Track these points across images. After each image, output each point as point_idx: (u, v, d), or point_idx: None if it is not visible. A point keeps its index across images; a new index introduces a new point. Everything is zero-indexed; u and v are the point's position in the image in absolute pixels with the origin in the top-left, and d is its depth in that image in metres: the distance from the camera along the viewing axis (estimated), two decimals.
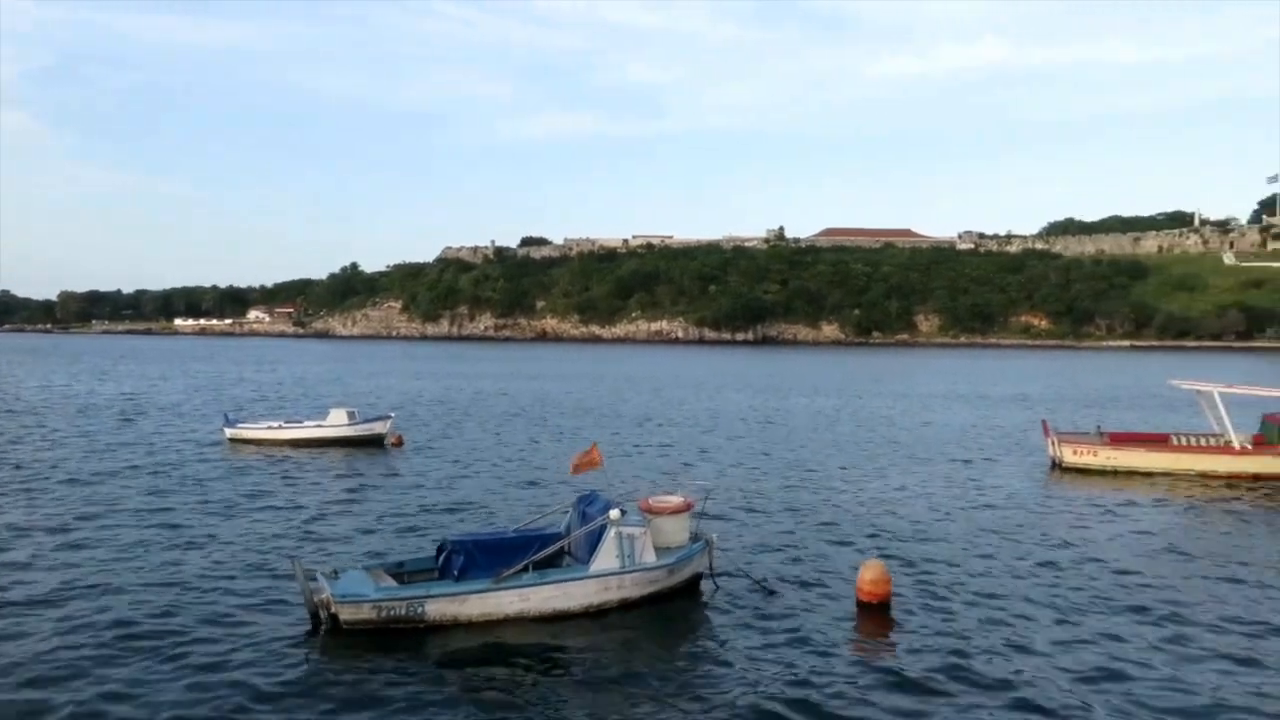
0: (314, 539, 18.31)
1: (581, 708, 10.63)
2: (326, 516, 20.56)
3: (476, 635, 12.79)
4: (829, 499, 23.14)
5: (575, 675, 11.60)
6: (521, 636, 12.82)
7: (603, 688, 11.20)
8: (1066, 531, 19.94)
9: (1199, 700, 11.00)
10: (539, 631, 13.02)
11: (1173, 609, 14.47)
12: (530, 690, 11.12)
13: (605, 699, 10.89)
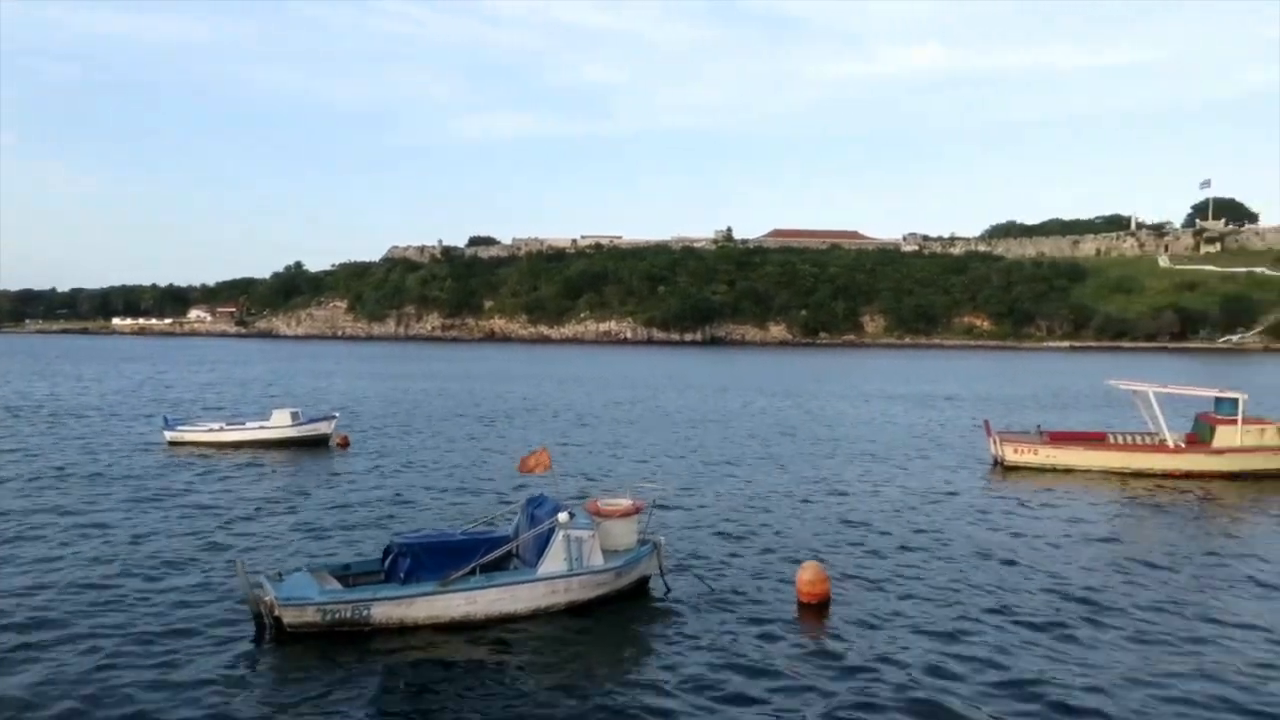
0: (257, 542, 18.04)
1: (528, 710, 10.60)
2: (270, 519, 20.26)
3: (423, 638, 12.70)
4: (773, 499, 23.32)
5: (523, 678, 11.58)
6: (469, 640, 12.76)
7: (550, 690, 11.18)
8: (1006, 529, 20.33)
9: (1125, 687, 11.32)
10: (487, 634, 12.96)
11: (1106, 603, 14.85)
12: (477, 693, 11.07)
13: (552, 701, 10.87)
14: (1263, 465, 27.01)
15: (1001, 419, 39.40)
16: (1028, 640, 13.00)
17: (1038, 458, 28.55)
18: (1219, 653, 12.63)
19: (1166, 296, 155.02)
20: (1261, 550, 18.56)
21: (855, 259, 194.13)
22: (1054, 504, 23.19)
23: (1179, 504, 23.44)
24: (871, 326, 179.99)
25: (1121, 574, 16.66)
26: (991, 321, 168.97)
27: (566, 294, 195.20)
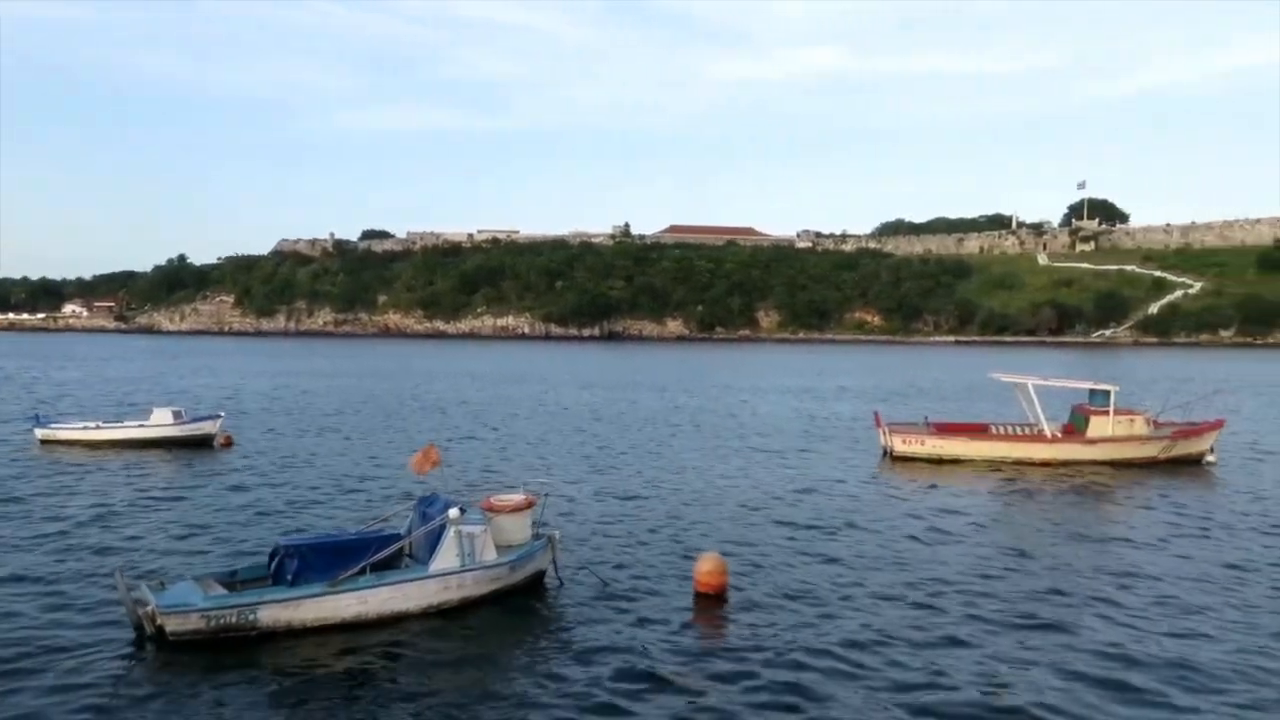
0: (136, 547, 17.30)
1: (422, 709, 10.46)
2: (150, 523, 19.46)
3: (313, 641, 12.40)
4: (670, 492, 23.50)
5: (416, 677, 11.40)
6: (360, 640, 12.50)
7: (443, 689, 11.05)
8: (895, 517, 20.92)
9: (1001, 667, 11.78)
10: (379, 634, 12.73)
11: (986, 586, 15.44)
12: (369, 694, 10.86)
13: (445, 699, 10.75)
14: (1133, 454, 28.41)
15: (891, 411, 40.47)
16: (919, 625, 13.39)
17: (925, 448, 29.44)
18: (1090, 629, 13.24)
19: (1045, 293, 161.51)
20: (1129, 534, 19.53)
21: (751, 255, 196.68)
22: (939, 492, 23.98)
23: (1055, 491, 24.50)
24: (766, 322, 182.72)
25: (1002, 558, 17.34)
26: (882, 317, 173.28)
27: (463, 289, 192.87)
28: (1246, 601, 14.75)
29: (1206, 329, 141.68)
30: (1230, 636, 13.08)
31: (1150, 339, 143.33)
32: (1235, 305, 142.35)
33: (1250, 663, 12.12)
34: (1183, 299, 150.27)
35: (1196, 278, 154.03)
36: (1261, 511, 21.84)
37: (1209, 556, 17.59)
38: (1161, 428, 29.37)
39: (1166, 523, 20.66)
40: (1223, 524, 20.51)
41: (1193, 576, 16.19)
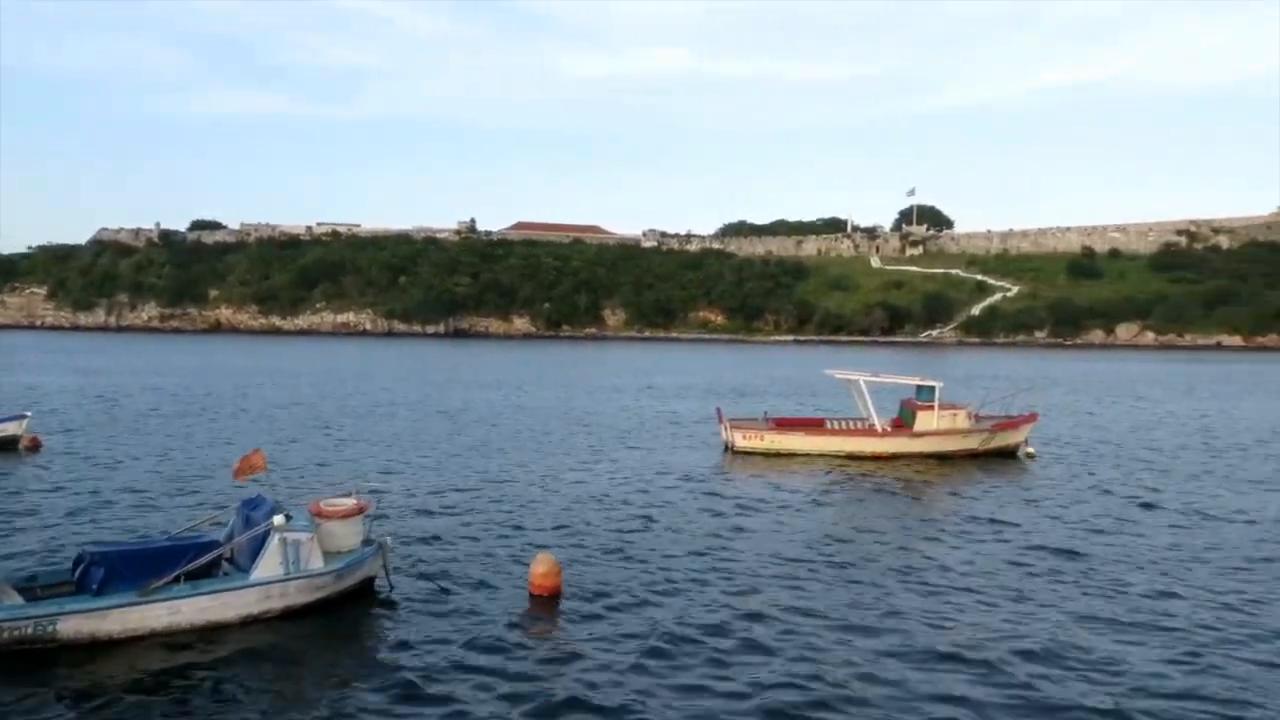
0: None
1: None
2: None
3: (120, 655, 11.58)
4: (507, 493, 23.23)
5: (232, 690, 10.80)
6: (172, 653, 11.76)
7: (261, 702, 10.51)
8: (735, 512, 21.29)
9: (819, 655, 12.10)
10: (193, 646, 12.01)
11: (812, 575, 15.93)
12: (177, 710, 10.19)
13: (263, 714, 10.20)
14: (956, 446, 29.87)
15: (733, 407, 41.28)
16: (752, 620, 13.60)
17: (764, 443, 30.14)
18: (917, 613, 13.79)
19: (878, 294, 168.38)
20: (950, 523, 20.52)
21: (598, 253, 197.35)
22: (777, 486, 24.59)
23: (882, 482, 25.53)
24: (613, 320, 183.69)
25: (836, 547, 17.91)
26: (725, 316, 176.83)
27: (301, 283, 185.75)
28: (1052, 583, 15.69)
29: (1023, 330, 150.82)
30: (1039, 617, 13.87)
31: (973, 339, 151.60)
32: (1048, 308, 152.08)
33: (1051, 639, 12.86)
34: (1002, 302, 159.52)
35: (1014, 282, 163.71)
36: (1069, 499, 23.34)
37: (1019, 541, 18.65)
38: (982, 421, 30.98)
39: (980, 509, 21.83)
40: (1034, 510, 21.81)
41: (1001, 560, 17.11)
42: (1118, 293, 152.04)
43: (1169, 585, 15.61)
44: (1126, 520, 20.83)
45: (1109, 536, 19.18)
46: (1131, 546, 18.32)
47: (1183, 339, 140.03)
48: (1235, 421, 41.44)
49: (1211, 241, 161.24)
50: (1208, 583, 15.80)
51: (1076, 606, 14.37)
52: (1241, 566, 16.94)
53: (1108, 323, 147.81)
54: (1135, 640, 12.92)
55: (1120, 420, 41.75)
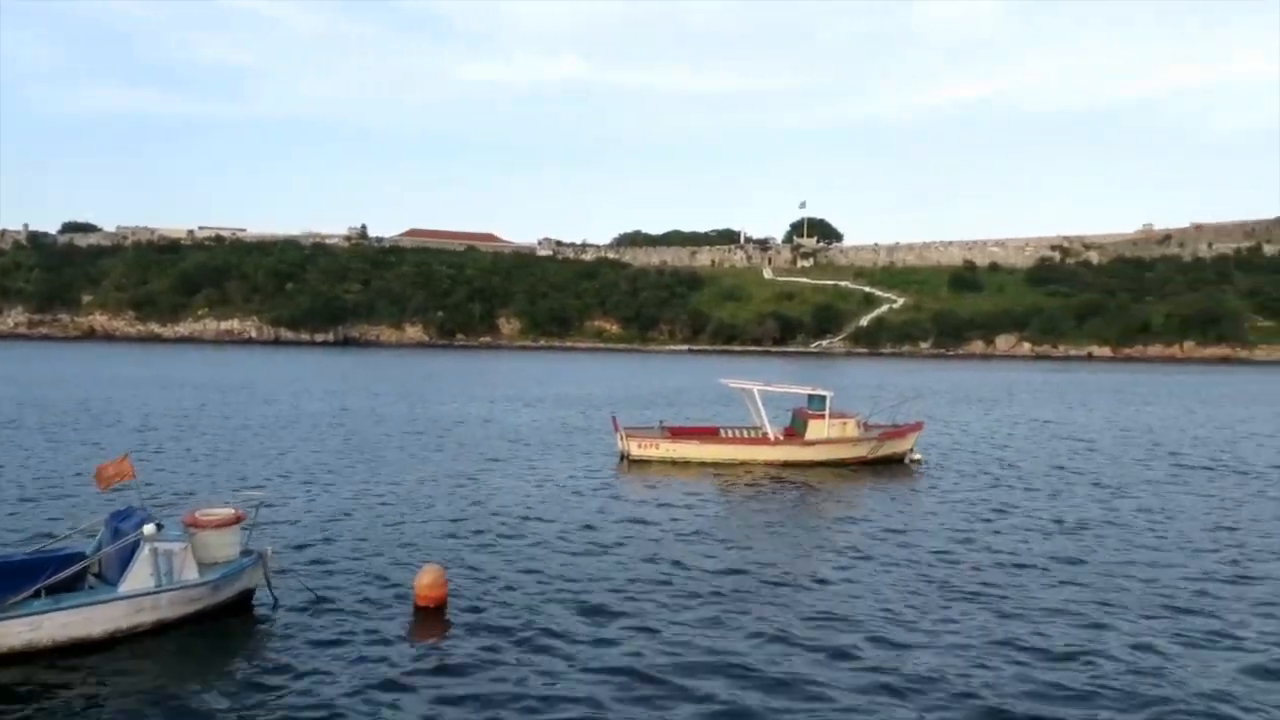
0: None
1: None
2: None
3: None
4: (395, 504, 22.87)
5: (96, 711, 10.36)
6: (32, 672, 11.23)
7: None
8: (629, 521, 21.37)
9: (723, 658, 12.27)
10: (56, 665, 11.47)
11: (703, 581, 16.17)
12: None
13: None
14: (846, 454, 30.60)
15: (628, 416, 41.41)
16: (640, 630, 13.68)
17: (659, 451, 30.35)
18: (804, 617, 14.07)
19: (770, 305, 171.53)
20: (839, 529, 21.01)
21: (492, 262, 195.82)
22: (671, 494, 24.78)
23: (776, 490, 25.98)
24: (508, 329, 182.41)
25: (727, 554, 18.14)
26: (620, 325, 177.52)
27: (182, 289, 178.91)
28: (942, 588, 16.20)
29: (908, 341, 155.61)
30: (925, 621, 14.31)
31: (861, 349, 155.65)
32: (931, 319, 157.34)
33: (930, 638, 13.28)
34: (888, 313, 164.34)
35: (900, 294, 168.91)
36: (951, 505, 24.15)
37: (904, 544, 19.20)
38: (871, 430, 31.82)
39: (868, 515, 22.43)
40: (918, 516, 22.50)
41: (886, 564, 17.60)
42: (997, 305, 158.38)
43: (1035, 588, 16.30)
44: (1004, 526, 21.65)
45: (989, 540, 19.92)
46: (1007, 549, 19.06)
47: (1057, 350, 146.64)
48: (1102, 428, 43.50)
49: (1083, 257, 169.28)
50: (1070, 583, 16.56)
51: (956, 611, 14.87)
52: (1103, 571, 17.80)
53: (987, 334, 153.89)
54: (1005, 640, 13.45)
55: (998, 428, 43.39)
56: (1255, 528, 21.50)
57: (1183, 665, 12.49)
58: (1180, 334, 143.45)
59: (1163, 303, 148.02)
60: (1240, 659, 12.80)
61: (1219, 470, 30.52)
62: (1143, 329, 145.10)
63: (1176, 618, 14.55)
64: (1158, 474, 29.66)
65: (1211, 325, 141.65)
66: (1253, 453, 35.04)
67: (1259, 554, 18.93)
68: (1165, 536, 20.45)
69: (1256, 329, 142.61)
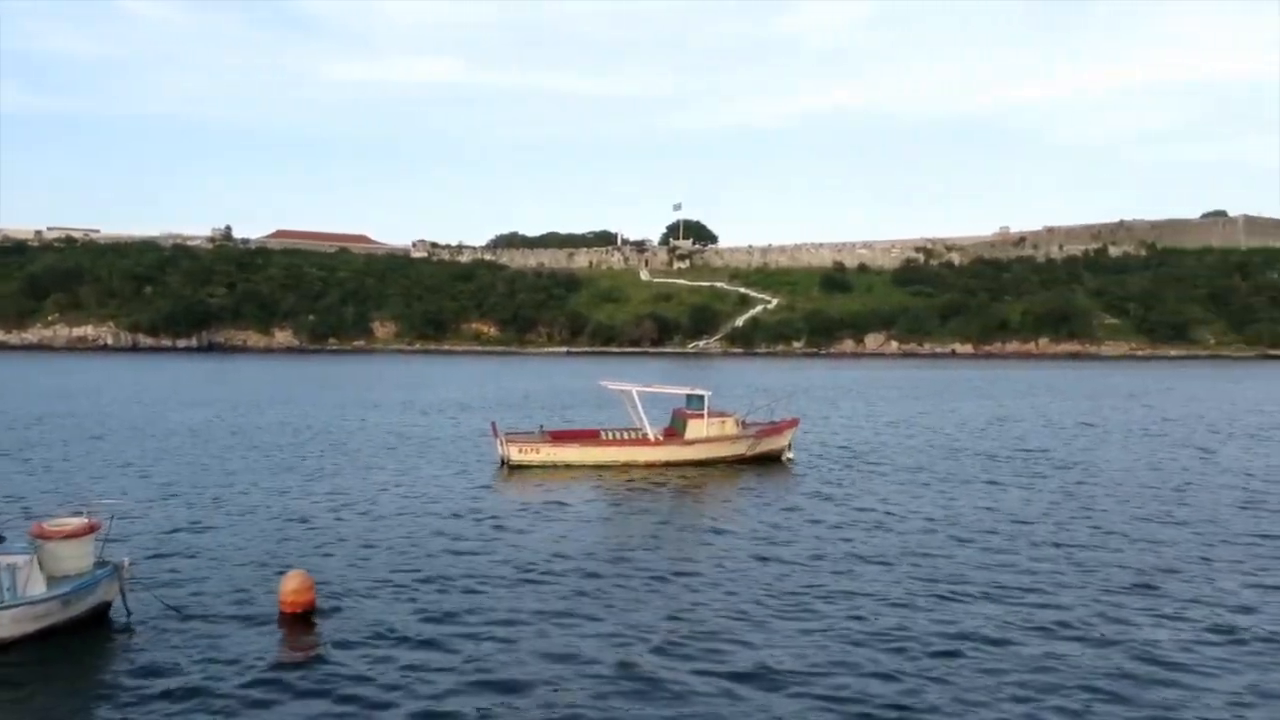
0: None
1: None
2: None
3: None
4: (261, 512, 22.27)
5: None
6: None
7: None
8: (510, 527, 21.25)
9: (598, 659, 12.35)
10: None
11: (582, 582, 16.29)
12: None
13: None
14: (725, 452, 31.11)
15: (509, 420, 41.11)
16: (514, 630, 13.66)
17: (540, 456, 30.22)
18: (694, 609, 14.27)
19: (647, 306, 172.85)
20: (719, 525, 21.37)
21: (365, 264, 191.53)
22: (551, 498, 24.73)
23: (658, 490, 26.23)
24: (382, 332, 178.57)
25: (609, 554, 18.25)
26: (497, 328, 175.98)
27: (30, 294, 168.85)
28: (809, 583, 16.65)
29: (782, 340, 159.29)
30: (799, 617, 14.68)
31: (737, 349, 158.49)
32: (804, 319, 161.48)
33: (801, 633, 13.65)
34: (762, 313, 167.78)
35: (773, 295, 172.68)
36: (824, 500, 24.85)
37: (782, 539, 19.66)
38: (749, 428, 32.42)
39: (747, 511, 22.90)
40: (793, 511, 23.06)
41: (760, 559, 18.00)
42: (865, 305, 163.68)
43: (899, 576, 16.94)
44: (872, 521, 22.40)
45: (857, 535, 20.57)
46: (876, 543, 19.73)
47: (922, 348, 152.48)
48: (962, 423, 45.43)
49: (945, 258, 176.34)
50: (929, 579, 17.27)
51: (831, 609, 15.31)
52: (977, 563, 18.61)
53: (857, 333, 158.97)
54: (869, 635, 13.94)
55: (868, 424, 44.81)
56: (1085, 519, 22.81)
57: (1030, 650, 13.18)
58: (1035, 331, 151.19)
59: (1019, 302, 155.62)
60: (1081, 647, 13.58)
61: (1054, 465, 32.27)
62: (1001, 327, 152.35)
63: (1027, 610, 15.33)
64: (1005, 471, 31.13)
65: (1063, 323, 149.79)
66: (1090, 448, 37.16)
67: (1092, 544, 20.10)
68: (997, 530, 21.51)
69: (1103, 326, 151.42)
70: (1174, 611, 14.87)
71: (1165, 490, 26.24)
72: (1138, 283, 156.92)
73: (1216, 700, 11.43)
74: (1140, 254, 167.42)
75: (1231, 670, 12.37)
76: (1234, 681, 11.98)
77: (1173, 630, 13.96)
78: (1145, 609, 15.01)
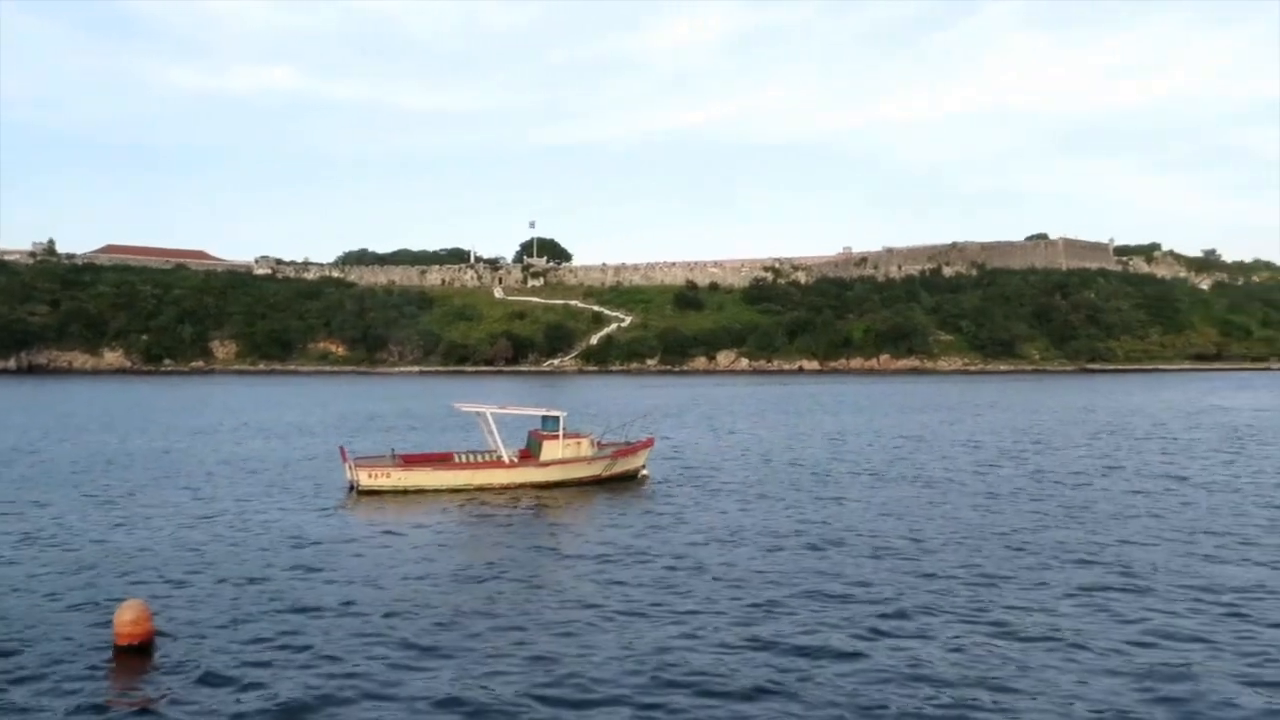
0: None
1: None
2: None
3: None
4: (95, 539, 21.15)
5: None
6: None
7: None
8: (355, 552, 20.68)
9: (445, 691, 12.14)
10: None
11: (441, 609, 15.95)
12: None
13: None
14: (581, 474, 31.07)
15: (360, 444, 40.01)
16: (356, 669, 13.24)
17: (391, 480, 29.48)
18: (542, 642, 14.17)
19: (501, 324, 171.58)
20: (575, 549, 21.32)
21: (204, 281, 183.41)
22: (404, 524, 24.17)
23: (512, 514, 25.98)
24: (222, 352, 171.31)
25: (459, 582, 17.96)
26: (346, 347, 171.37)
27: None
28: (665, 604, 16.81)
29: (636, 358, 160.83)
30: (655, 634, 14.79)
31: (592, 368, 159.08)
32: (657, 337, 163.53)
33: (660, 651, 13.77)
34: (616, 331, 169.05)
35: (627, 313, 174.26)
36: (681, 514, 25.15)
37: (638, 558, 19.77)
38: (604, 448, 32.51)
39: (604, 534, 22.92)
40: (647, 531, 23.24)
41: (622, 581, 18.06)
42: (717, 323, 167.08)
43: (760, 592, 17.33)
44: (727, 537, 22.80)
45: (712, 551, 20.89)
46: (726, 560, 20.09)
47: (771, 364, 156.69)
48: (809, 438, 46.90)
49: (792, 277, 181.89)
50: (794, 591, 17.74)
51: (685, 626, 15.49)
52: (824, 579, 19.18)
53: (709, 350, 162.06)
54: (739, 644, 14.19)
55: (720, 442, 45.66)
56: (935, 529, 23.91)
57: (884, 651, 13.69)
58: (877, 348, 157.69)
59: (861, 319, 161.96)
60: (925, 643, 14.19)
61: (886, 475, 33.72)
62: (845, 343, 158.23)
63: (863, 616, 15.91)
64: (855, 483, 32.29)
65: (903, 340, 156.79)
66: (931, 461, 39.00)
67: (931, 548, 21.06)
68: (844, 542, 22.31)
69: (939, 342, 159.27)
70: (954, 618, 15.67)
71: (980, 498, 27.69)
72: (970, 301, 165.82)
73: (1034, 703, 12.10)
74: (972, 274, 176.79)
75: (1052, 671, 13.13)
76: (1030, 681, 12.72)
77: (959, 633, 14.71)
78: (952, 616, 15.76)
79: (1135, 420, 56.75)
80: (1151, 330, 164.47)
